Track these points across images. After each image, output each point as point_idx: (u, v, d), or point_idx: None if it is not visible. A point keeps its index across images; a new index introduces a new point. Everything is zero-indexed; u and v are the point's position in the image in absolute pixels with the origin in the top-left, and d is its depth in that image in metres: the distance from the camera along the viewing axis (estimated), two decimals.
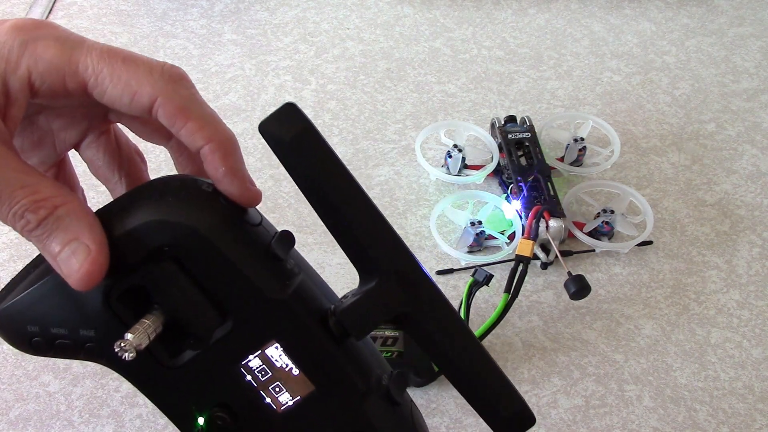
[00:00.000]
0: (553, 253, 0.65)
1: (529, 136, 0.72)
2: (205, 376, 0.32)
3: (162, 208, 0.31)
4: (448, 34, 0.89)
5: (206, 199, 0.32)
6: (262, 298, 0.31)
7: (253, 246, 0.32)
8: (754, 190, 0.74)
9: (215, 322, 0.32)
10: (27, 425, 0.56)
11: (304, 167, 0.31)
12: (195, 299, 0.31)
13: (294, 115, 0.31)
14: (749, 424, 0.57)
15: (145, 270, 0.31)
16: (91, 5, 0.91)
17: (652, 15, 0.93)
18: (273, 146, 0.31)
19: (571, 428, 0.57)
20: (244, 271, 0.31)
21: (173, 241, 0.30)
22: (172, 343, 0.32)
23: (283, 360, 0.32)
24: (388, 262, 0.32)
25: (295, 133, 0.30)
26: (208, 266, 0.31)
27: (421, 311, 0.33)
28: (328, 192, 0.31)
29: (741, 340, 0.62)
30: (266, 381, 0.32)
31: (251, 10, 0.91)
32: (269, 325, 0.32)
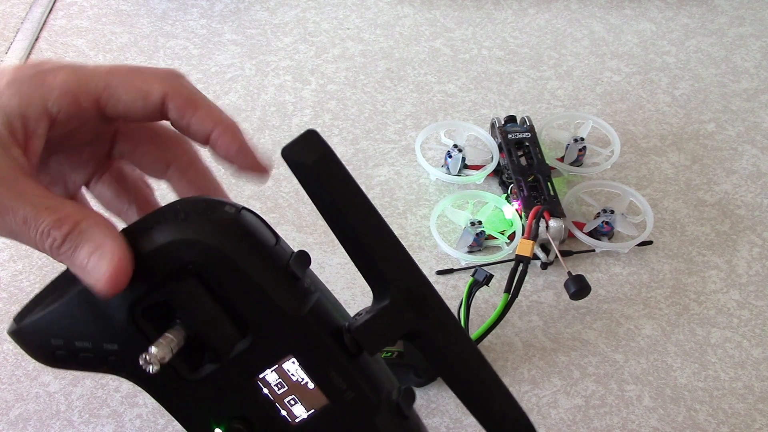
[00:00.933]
0: (553, 253, 0.65)
1: (529, 136, 0.72)
2: (224, 389, 0.34)
3: (187, 227, 0.32)
4: (448, 34, 0.89)
5: (230, 221, 0.33)
6: (282, 316, 0.33)
7: (273, 266, 0.33)
8: (754, 190, 0.74)
9: (235, 337, 0.33)
10: (27, 425, 0.56)
11: (324, 191, 0.33)
12: (216, 315, 0.33)
13: (315, 142, 0.32)
14: (749, 424, 0.57)
15: (169, 286, 0.32)
16: (91, 5, 0.91)
17: (652, 15, 0.93)
18: (295, 171, 0.32)
19: (571, 428, 0.57)
20: (265, 289, 0.32)
21: (198, 259, 0.32)
22: (193, 357, 0.33)
23: (299, 374, 0.34)
24: (401, 282, 0.34)
25: (316, 158, 0.32)
26: (230, 284, 0.32)
27: (431, 328, 0.34)
28: (346, 215, 0.33)
29: (741, 340, 0.62)
30: (282, 394, 0.34)
31: (251, 10, 0.91)
32: (287, 341, 0.33)
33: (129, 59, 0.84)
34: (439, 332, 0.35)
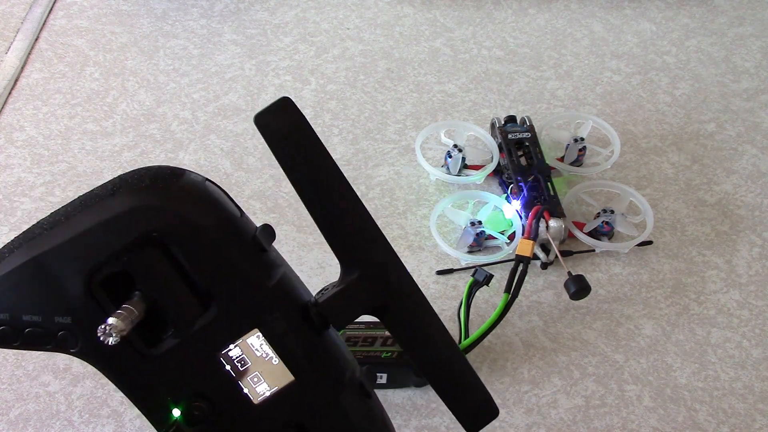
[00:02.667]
0: (553, 253, 0.65)
1: (529, 136, 0.72)
2: (185, 366, 0.32)
3: (152, 193, 0.31)
4: (448, 34, 0.89)
5: (196, 189, 0.32)
6: (248, 286, 0.32)
7: (240, 235, 0.32)
8: (754, 190, 0.74)
9: (198, 310, 0.32)
10: (27, 425, 0.56)
11: (295, 159, 0.32)
12: (179, 286, 0.31)
13: (289, 110, 0.31)
14: (749, 424, 0.57)
15: (130, 255, 0.31)
16: (91, 5, 0.91)
17: (652, 15, 0.93)
18: (267, 138, 0.32)
19: (571, 428, 0.57)
20: (232, 258, 0.32)
21: (162, 227, 0.31)
22: (153, 332, 0.32)
23: (264, 349, 0.32)
24: (370, 255, 0.33)
25: (288, 127, 0.31)
26: (195, 253, 0.31)
27: (399, 303, 0.34)
28: (316, 184, 0.32)
29: (741, 340, 0.62)
30: (245, 371, 0.33)
31: (251, 10, 0.91)
32: (253, 313, 0.32)
33: (129, 59, 0.84)
34: (405, 308, 0.34)
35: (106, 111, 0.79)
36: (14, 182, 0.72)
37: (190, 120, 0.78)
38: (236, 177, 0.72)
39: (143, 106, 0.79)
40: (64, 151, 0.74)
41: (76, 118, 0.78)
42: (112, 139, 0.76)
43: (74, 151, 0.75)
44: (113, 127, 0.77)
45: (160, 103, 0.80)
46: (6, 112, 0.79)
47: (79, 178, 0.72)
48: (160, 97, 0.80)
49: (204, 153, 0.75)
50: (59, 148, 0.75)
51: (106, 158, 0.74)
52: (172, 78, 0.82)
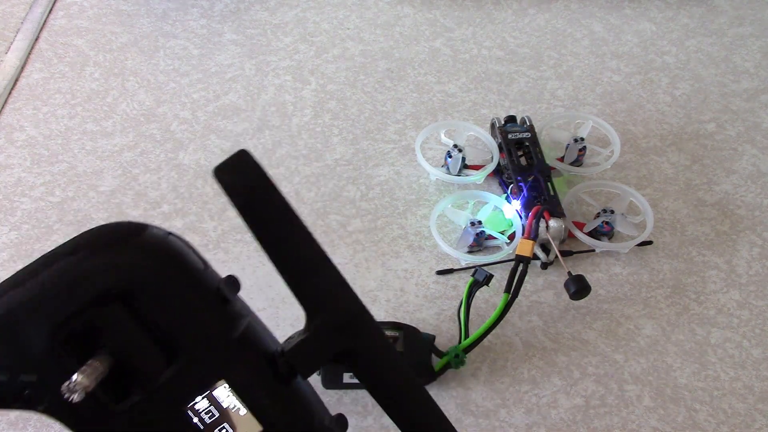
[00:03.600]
0: (553, 253, 0.65)
1: (529, 136, 0.72)
2: (152, 420, 0.32)
3: (111, 251, 0.31)
4: (448, 34, 0.89)
5: (156, 244, 0.32)
6: (212, 339, 0.32)
7: (202, 288, 0.32)
8: (754, 190, 0.74)
9: (163, 363, 0.32)
10: (27, 425, 0.56)
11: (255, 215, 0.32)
12: (143, 341, 0.31)
13: (247, 164, 0.31)
14: (749, 424, 0.57)
15: (92, 312, 0.31)
16: (91, 5, 0.91)
17: (652, 15, 0.93)
18: (226, 192, 0.31)
19: (571, 428, 0.57)
20: (194, 312, 0.32)
21: (122, 283, 0.31)
22: (119, 387, 0.32)
23: (231, 400, 0.33)
24: (333, 303, 0.33)
25: (247, 182, 0.31)
26: (157, 308, 0.31)
27: (363, 348, 0.34)
28: (278, 240, 0.32)
29: (741, 340, 0.62)
30: (212, 423, 0.33)
31: (251, 10, 0.91)
32: (218, 366, 0.32)
33: (129, 59, 0.84)
34: (370, 352, 0.34)
35: (106, 111, 0.79)
36: (14, 182, 0.72)
37: (190, 120, 0.78)
38: None
39: (143, 106, 0.79)
40: (64, 151, 0.74)
41: (76, 118, 0.78)
42: (112, 139, 0.76)
43: (74, 151, 0.75)
44: (113, 127, 0.77)
45: (160, 103, 0.80)
46: (6, 112, 0.79)
47: (79, 178, 0.72)
48: (160, 97, 0.80)
49: (204, 153, 0.75)
50: (59, 148, 0.75)
51: (106, 158, 0.74)
52: (172, 78, 0.82)
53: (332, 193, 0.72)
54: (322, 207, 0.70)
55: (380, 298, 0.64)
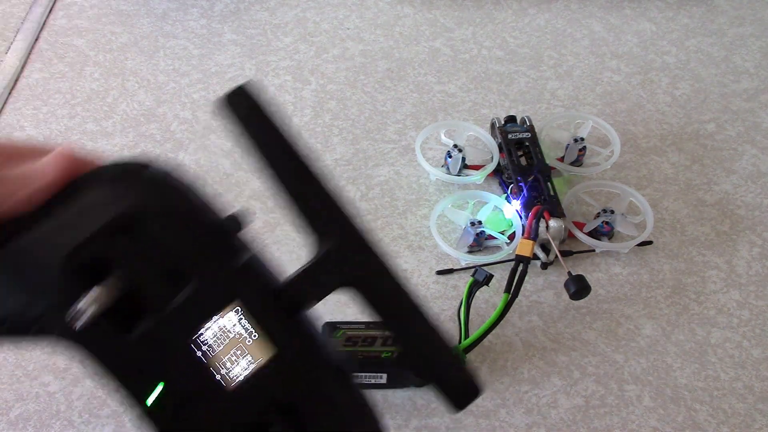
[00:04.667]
0: (553, 253, 0.65)
1: (529, 136, 0.72)
2: (159, 350, 0.33)
3: (128, 178, 0.33)
4: (448, 34, 0.89)
5: (168, 175, 0.34)
6: (218, 265, 0.33)
7: (205, 218, 0.34)
8: (754, 190, 0.74)
9: (170, 291, 0.32)
10: (27, 425, 0.56)
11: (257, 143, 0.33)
12: (151, 268, 0.32)
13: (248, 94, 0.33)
14: (749, 424, 0.57)
15: (104, 239, 0.32)
16: (91, 5, 0.91)
17: (652, 15, 0.93)
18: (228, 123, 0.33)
19: (571, 428, 0.57)
20: (200, 238, 0.33)
21: (135, 209, 0.32)
22: (127, 316, 0.32)
23: (236, 330, 0.33)
24: (337, 229, 0.34)
25: (247, 111, 0.33)
26: (166, 234, 0.32)
27: (365, 278, 0.34)
28: (280, 166, 0.34)
29: (741, 340, 0.62)
30: (217, 355, 0.33)
31: (251, 10, 0.91)
32: (225, 292, 0.33)
33: (129, 59, 0.84)
34: (376, 280, 0.34)
35: (106, 111, 0.79)
36: None
37: (190, 120, 0.78)
38: (236, 177, 0.72)
39: (143, 106, 0.79)
40: None
41: (76, 118, 0.78)
42: (112, 139, 0.76)
43: None
44: (113, 127, 0.77)
45: (160, 103, 0.80)
46: (6, 112, 0.79)
47: None
48: (160, 97, 0.80)
49: (204, 153, 0.75)
50: None
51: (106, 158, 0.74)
52: (172, 78, 0.82)
53: None
54: None
55: None
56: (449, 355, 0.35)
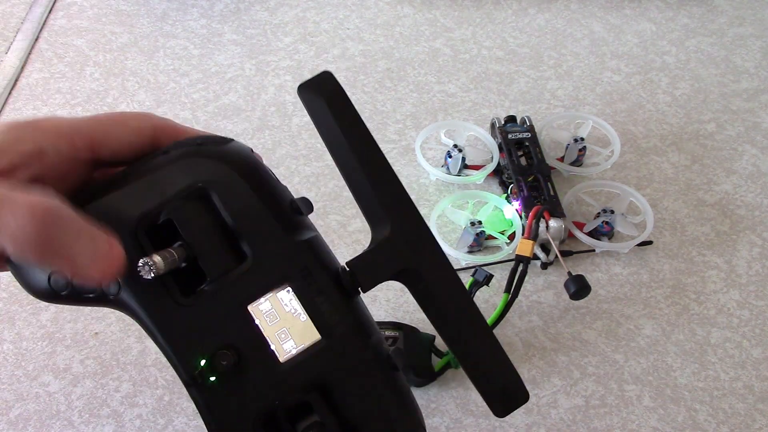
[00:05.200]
0: (553, 253, 0.65)
1: (529, 136, 0.72)
2: (216, 316, 0.33)
3: (204, 149, 0.34)
4: (448, 34, 0.89)
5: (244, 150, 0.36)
6: (282, 240, 0.34)
7: (278, 196, 0.35)
8: (754, 190, 0.74)
9: (233, 261, 0.33)
10: (27, 425, 0.56)
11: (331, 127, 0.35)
12: (217, 237, 0.33)
13: (328, 82, 0.35)
14: (749, 424, 0.57)
15: (176, 205, 0.33)
16: (91, 5, 0.91)
17: (652, 15, 0.93)
18: (306, 106, 0.35)
19: (571, 428, 0.57)
20: (269, 212, 0.34)
21: (208, 179, 0.33)
22: (189, 282, 0.33)
23: (293, 305, 0.33)
24: (400, 216, 0.35)
25: (326, 96, 0.35)
26: (235, 206, 0.33)
27: (426, 268, 0.35)
28: (351, 150, 0.34)
29: (741, 340, 0.62)
30: (274, 326, 0.33)
31: (251, 10, 0.91)
32: (285, 268, 0.34)
33: (129, 59, 0.84)
34: (433, 273, 0.35)
35: (106, 111, 0.79)
36: None
37: (190, 120, 0.78)
38: None
39: (143, 106, 0.79)
40: None
41: None
42: None
43: None
44: None
45: (160, 103, 0.80)
46: (6, 112, 0.79)
47: None
48: (160, 97, 0.80)
49: None
50: None
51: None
52: (172, 78, 0.82)
53: (332, 193, 0.72)
54: (322, 207, 0.70)
55: (380, 298, 0.64)
56: (498, 357, 0.35)
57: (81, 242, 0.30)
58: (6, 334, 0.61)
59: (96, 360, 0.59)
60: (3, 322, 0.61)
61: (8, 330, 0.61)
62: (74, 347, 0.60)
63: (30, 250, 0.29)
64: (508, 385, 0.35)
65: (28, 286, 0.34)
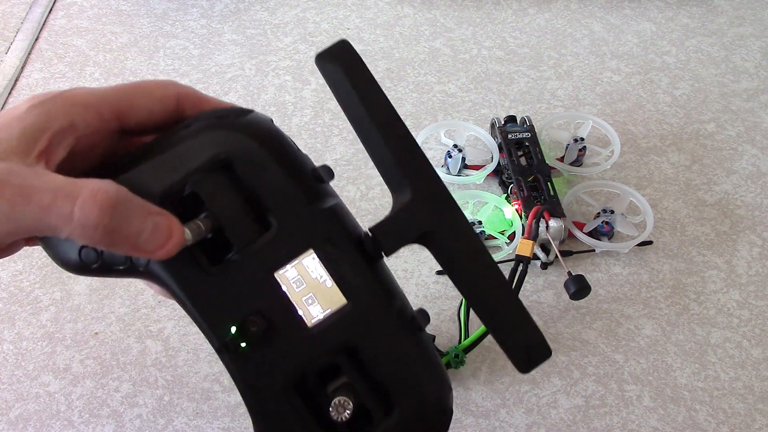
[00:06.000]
0: (553, 253, 0.65)
1: (529, 136, 0.72)
2: (244, 284, 0.34)
3: (226, 121, 0.35)
4: (448, 34, 0.89)
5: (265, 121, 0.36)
6: (305, 206, 0.34)
7: (301, 164, 0.35)
8: (754, 190, 0.74)
9: (259, 229, 0.34)
10: (27, 425, 0.56)
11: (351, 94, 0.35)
12: (243, 206, 0.34)
13: (345, 50, 0.35)
14: (749, 424, 0.57)
15: (202, 176, 0.34)
16: (91, 5, 0.91)
17: (652, 15, 0.93)
18: (324, 75, 0.35)
19: (571, 428, 0.57)
20: (293, 180, 0.34)
21: (232, 150, 0.34)
22: (216, 252, 0.34)
23: (318, 271, 0.34)
24: (421, 179, 0.35)
25: (345, 64, 0.35)
26: (259, 175, 0.34)
27: (447, 230, 0.35)
28: (371, 116, 0.35)
29: (741, 340, 0.62)
30: (300, 292, 0.34)
31: (251, 10, 0.91)
32: (309, 234, 0.34)
33: (129, 59, 0.84)
34: (454, 235, 0.35)
35: None
36: None
37: None
38: None
39: None
40: None
41: None
42: None
43: None
44: None
45: None
46: None
47: None
48: None
49: None
50: None
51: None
52: (172, 78, 0.82)
53: None
54: None
55: None
56: (520, 313, 0.36)
57: (146, 224, 0.31)
58: (6, 334, 0.61)
59: (96, 360, 0.59)
60: (3, 322, 0.61)
61: (8, 330, 0.61)
62: (74, 347, 0.60)
63: (99, 237, 0.30)
64: (531, 342, 0.36)
65: (60, 260, 0.35)
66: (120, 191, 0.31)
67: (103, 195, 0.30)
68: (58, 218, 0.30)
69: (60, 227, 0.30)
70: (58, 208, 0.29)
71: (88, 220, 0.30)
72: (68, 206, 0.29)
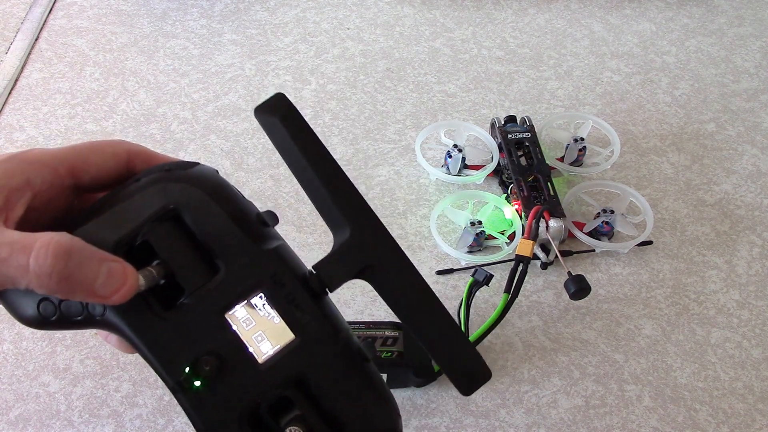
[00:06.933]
0: (553, 253, 0.65)
1: (529, 136, 0.72)
2: (196, 326, 0.36)
3: (172, 174, 0.37)
4: (448, 34, 0.89)
5: (210, 172, 0.38)
6: (252, 251, 0.36)
7: (245, 210, 0.37)
8: (754, 190, 0.74)
9: (208, 274, 0.36)
10: (27, 425, 0.56)
11: (288, 144, 0.37)
12: (192, 253, 0.36)
13: (282, 103, 0.37)
14: (749, 424, 0.57)
15: (153, 225, 0.35)
16: (91, 5, 0.91)
17: (652, 15, 0.93)
18: (264, 126, 0.37)
19: (571, 428, 0.57)
20: (238, 226, 0.36)
21: (179, 200, 0.36)
22: (169, 296, 0.36)
23: (266, 309, 0.36)
24: (358, 219, 0.37)
25: (281, 116, 0.37)
26: (206, 222, 0.36)
27: (386, 264, 0.37)
28: (308, 163, 0.37)
29: (741, 340, 0.62)
30: (250, 330, 0.36)
31: (251, 10, 0.91)
32: (255, 275, 0.36)
33: (129, 59, 0.84)
34: (393, 268, 0.37)
35: (106, 111, 0.79)
36: None
37: (190, 120, 0.78)
38: (236, 177, 0.72)
39: (143, 106, 0.79)
40: None
41: (76, 118, 0.78)
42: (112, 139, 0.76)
43: None
44: (113, 127, 0.77)
45: (160, 103, 0.80)
46: (6, 112, 0.79)
47: None
48: (160, 97, 0.80)
49: (204, 153, 0.75)
50: None
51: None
52: (172, 78, 0.82)
53: None
54: None
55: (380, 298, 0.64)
56: (459, 339, 0.38)
57: (101, 269, 0.33)
58: (6, 334, 0.61)
59: (96, 360, 0.59)
60: (3, 322, 0.61)
61: (8, 330, 0.61)
62: (74, 347, 0.60)
63: (54, 284, 0.32)
64: (471, 368, 0.37)
65: (19, 315, 0.36)
66: (74, 240, 0.32)
67: (56, 244, 0.32)
68: (15, 270, 0.32)
69: (17, 278, 0.32)
70: (15, 260, 0.31)
71: (42, 269, 0.31)
72: (23, 257, 0.31)
